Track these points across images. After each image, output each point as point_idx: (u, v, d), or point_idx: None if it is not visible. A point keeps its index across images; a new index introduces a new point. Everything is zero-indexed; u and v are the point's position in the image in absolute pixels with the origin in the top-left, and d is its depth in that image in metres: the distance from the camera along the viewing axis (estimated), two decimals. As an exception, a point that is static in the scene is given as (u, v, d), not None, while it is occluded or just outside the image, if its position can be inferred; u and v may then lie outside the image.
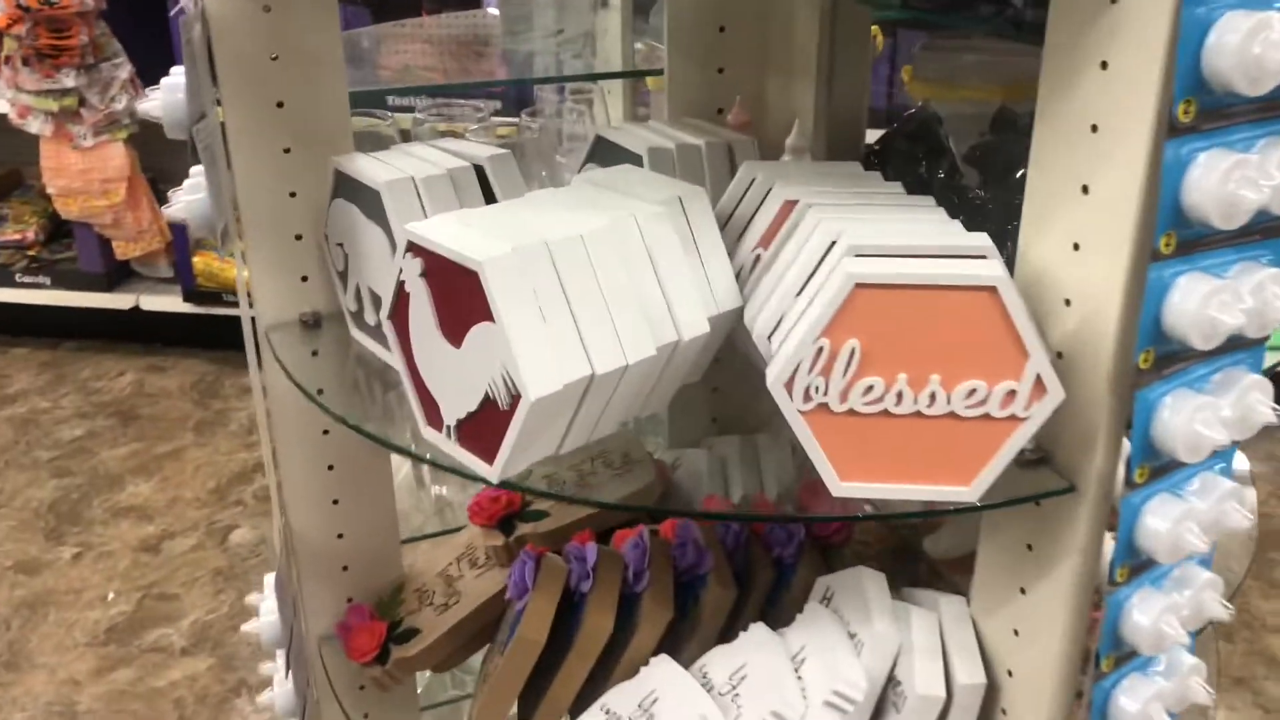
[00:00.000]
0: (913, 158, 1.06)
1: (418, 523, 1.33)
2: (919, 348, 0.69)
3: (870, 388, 0.70)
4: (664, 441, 1.16)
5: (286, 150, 0.94)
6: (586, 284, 0.73)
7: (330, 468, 1.08)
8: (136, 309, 3.04)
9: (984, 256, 0.71)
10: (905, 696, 0.88)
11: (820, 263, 0.75)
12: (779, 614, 1.03)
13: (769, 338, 0.77)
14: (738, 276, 0.84)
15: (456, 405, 0.76)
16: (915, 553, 1.04)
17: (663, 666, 0.94)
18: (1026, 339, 0.68)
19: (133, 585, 2.32)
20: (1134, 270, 0.67)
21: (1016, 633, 0.84)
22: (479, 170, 0.89)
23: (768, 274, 0.81)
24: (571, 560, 0.99)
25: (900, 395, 0.70)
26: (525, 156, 1.17)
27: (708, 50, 1.05)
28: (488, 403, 0.73)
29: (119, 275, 3.06)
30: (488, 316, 0.70)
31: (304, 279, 1.00)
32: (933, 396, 0.70)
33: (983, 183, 1.02)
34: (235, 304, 2.87)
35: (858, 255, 0.71)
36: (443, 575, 1.12)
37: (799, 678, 0.90)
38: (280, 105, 0.93)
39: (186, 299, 2.97)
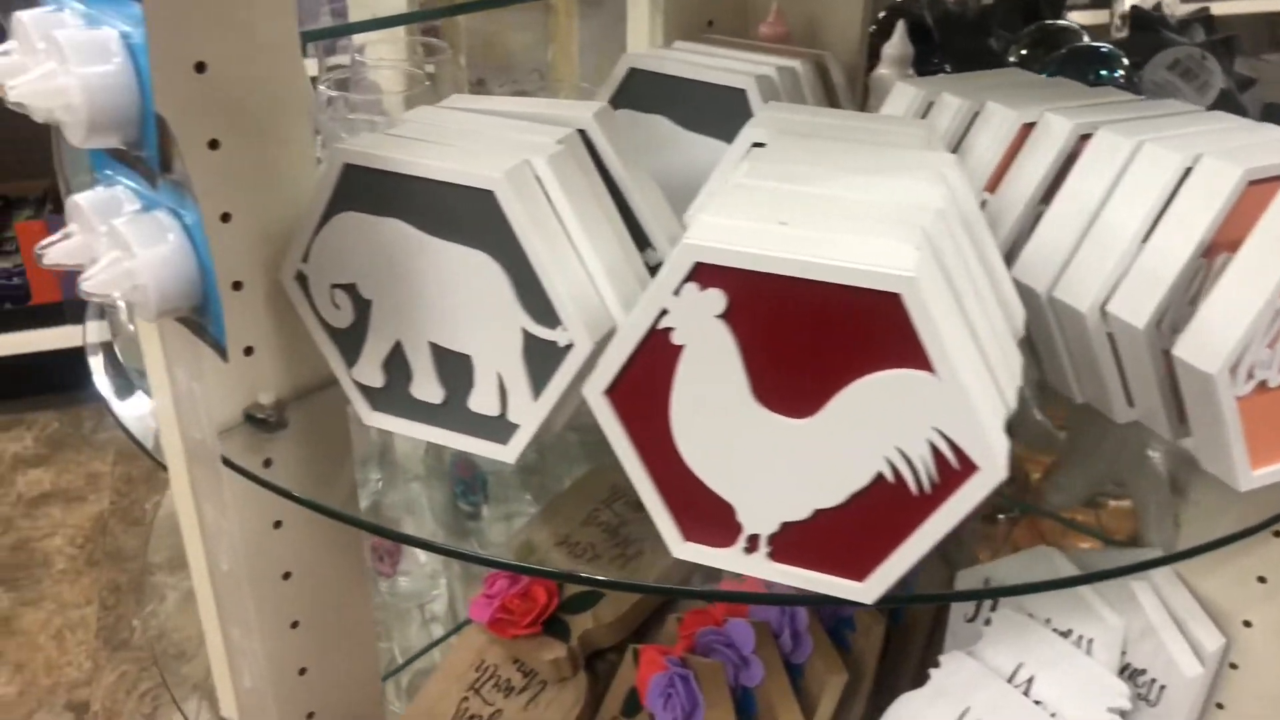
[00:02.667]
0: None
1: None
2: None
3: (1311, 347, 0.55)
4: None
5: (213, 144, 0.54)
6: (968, 275, 0.49)
7: (294, 625, 0.70)
8: None
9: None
10: (1161, 684, 0.76)
11: (1173, 198, 0.57)
12: (911, 630, 0.86)
13: (1103, 309, 0.58)
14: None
15: (783, 504, 0.48)
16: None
17: (858, 745, 0.73)
18: None
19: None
20: None
21: (1263, 580, 0.75)
22: (583, 136, 0.58)
23: (1044, 223, 0.61)
24: (717, 650, 0.73)
25: (1334, 348, 0.55)
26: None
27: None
28: (872, 491, 0.47)
29: None
30: (901, 359, 0.44)
31: (249, 352, 0.60)
32: (1359, 342, 0.56)
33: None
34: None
35: (1252, 182, 0.55)
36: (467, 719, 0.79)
37: (1038, 704, 0.75)
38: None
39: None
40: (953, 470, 0.45)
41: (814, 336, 0.45)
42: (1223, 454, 0.56)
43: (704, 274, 0.45)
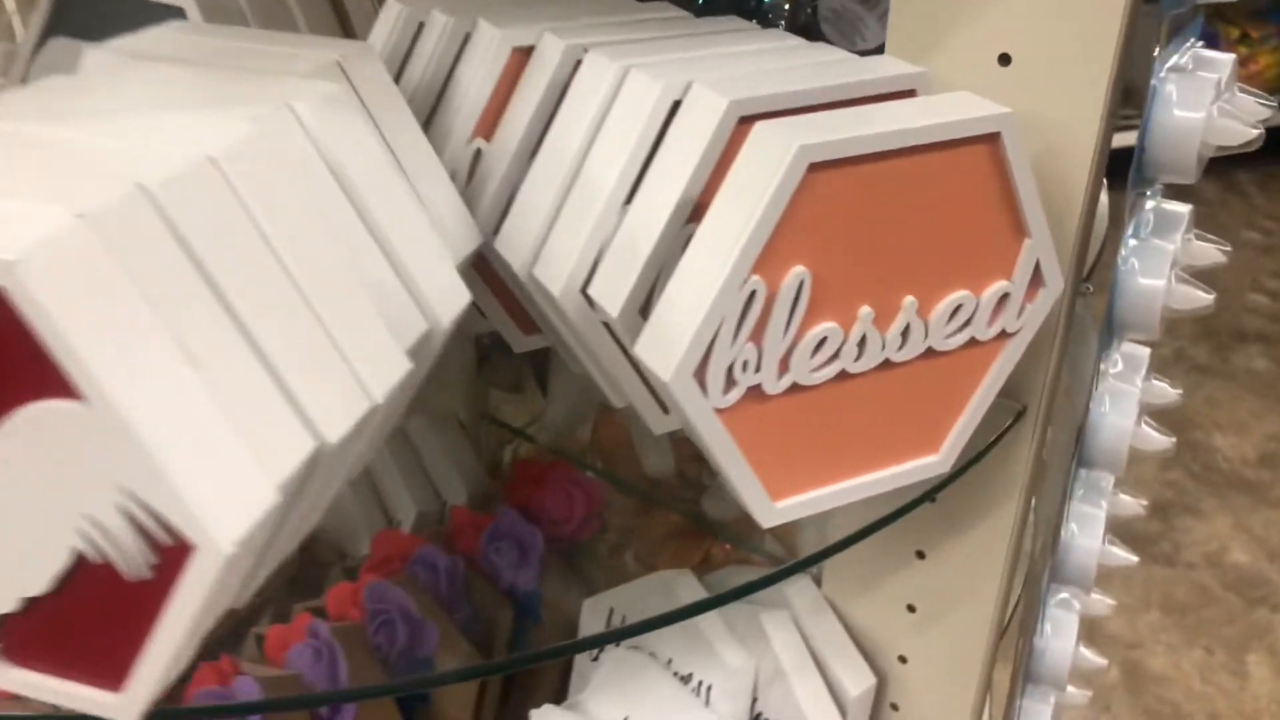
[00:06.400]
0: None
1: None
2: (884, 259, 0.40)
3: (823, 341, 0.40)
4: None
5: None
6: (253, 258, 0.34)
7: None
8: None
9: (915, 91, 0.44)
10: (788, 740, 0.63)
11: (659, 143, 0.42)
12: (534, 670, 0.72)
13: (584, 291, 0.44)
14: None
15: (-11, 591, 0.33)
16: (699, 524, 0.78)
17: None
18: (1027, 208, 0.42)
19: None
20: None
21: (912, 609, 0.62)
22: None
23: (529, 181, 0.46)
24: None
25: (864, 342, 0.41)
26: None
27: None
28: (82, 574, 0.32)
29: None
30: (46, 386, 0.29)
31: None
32: (906, 332, 0.42)
33: None
34: None
35: (745, 119, 0.40)
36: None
37: (636, 769, 0.61)
38: None
39: None
40: (168, 547, 0.31)
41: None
42: (729, 482, 0.42)
43: None
